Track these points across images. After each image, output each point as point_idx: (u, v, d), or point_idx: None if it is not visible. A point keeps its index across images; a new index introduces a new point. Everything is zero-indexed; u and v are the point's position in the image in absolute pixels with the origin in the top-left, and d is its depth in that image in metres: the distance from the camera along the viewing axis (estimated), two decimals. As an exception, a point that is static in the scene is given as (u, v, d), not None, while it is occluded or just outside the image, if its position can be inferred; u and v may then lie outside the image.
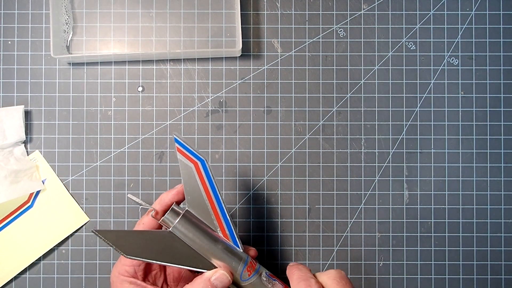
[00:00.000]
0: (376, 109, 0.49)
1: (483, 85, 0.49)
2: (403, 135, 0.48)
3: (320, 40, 0.49)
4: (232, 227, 0.37)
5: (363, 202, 0.48)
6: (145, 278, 0.37)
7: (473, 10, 0.49)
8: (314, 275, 0.34)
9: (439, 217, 0.48)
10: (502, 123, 0.49)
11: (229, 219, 0.37)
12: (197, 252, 0.35)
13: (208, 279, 0.34)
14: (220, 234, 0.36)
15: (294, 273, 0.34)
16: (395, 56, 0.49)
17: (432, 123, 0.48)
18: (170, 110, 0.48)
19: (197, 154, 0.36)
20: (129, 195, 0.37)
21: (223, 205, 0.37)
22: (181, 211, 0.36)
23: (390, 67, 0.49)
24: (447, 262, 0.48)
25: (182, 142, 0.36)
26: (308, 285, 0.32)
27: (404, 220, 0.48)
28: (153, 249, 0.34)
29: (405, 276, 0.48)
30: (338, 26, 0.49)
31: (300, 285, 0.32)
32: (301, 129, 0.48)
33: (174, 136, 0.36)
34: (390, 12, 0.49)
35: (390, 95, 0.49)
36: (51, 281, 0.47)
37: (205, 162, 0.36)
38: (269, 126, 0.48)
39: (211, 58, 0.48)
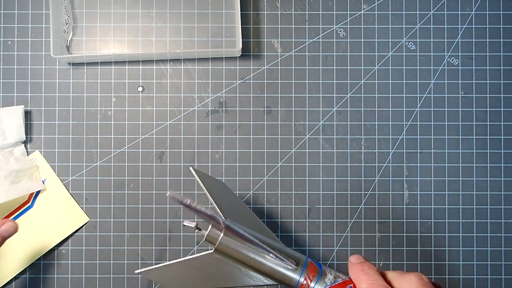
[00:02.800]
0: (376, 109, 0.49)
1: (483, 85, 0.49)
2: (403, 135, 0.48)
3: (320, 40, 0.49)
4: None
5: (363, 202, 0.48)
6: None
7: (473, 10, 0.49)
8: (384, 274, 0.31)
9: (439, 217, 0.48)
10: (502, 123, 0.49)
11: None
12: (246, 266, 0.33)
13: None
14: (267, 239, 0.33)
15: (362, 279, 0.30)
16: (395, 56, 0.49)
17: (432, 123, 0.48)
18: (170, 110, 0.48)
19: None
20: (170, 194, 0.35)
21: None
22: (222, 225, 0.33)
23: (390, 67, 0.49)
24: (447, 262, 0.48)
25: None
26: None
27: (404, 220, 0.48)
28: (198, 276, 0.33)
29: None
30: (338, 26, 0.49)
31: None
32: (301, 129, 0.48)
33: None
34: (390, 12, 0.49)
35: (390, 95, 0.49)
36: (51, 281, 0.47)
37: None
38: (269, 126, 0.48)
39: (211, 58, 0.48)
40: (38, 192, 0.47)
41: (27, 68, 0.48)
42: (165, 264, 0.33)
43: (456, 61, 0.49)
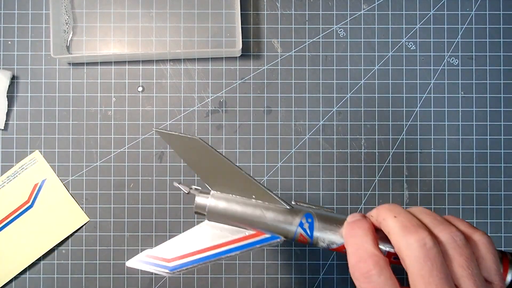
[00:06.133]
0: (376, 109, 0.49)
1: (483, 85, 0.49)
2: (403, 135, 0.48)
3: (320, 40, 0.49)
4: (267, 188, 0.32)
5: (363, 202, 0.48)
6: None
7: (473, 10, 0.49)
8: (385, 220, 0.27)
9: (439, 217, 0.48)
10: (502, 123, 0.49)
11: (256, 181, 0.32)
12: (242, 226, 0.32)
13: None
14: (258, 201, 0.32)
15: (348, 242, 0.28)
16: (395, 56, 0.49)
17: (432, 123, 0.48)
18: (170, 110, 0.48)
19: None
20: (175, 184, 0.33)
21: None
22: (209, 192, 0.32)
23: (390, 67, 0.49)
24: (447, 262, 0.48)
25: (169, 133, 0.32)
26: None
27: (404, 220, 0.48)
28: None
29: (405, 276, 0.48)
30: (338, 26, 0.49)
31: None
32: (301, 129, 0.48)
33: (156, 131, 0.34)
34: (390, 12, 0.49)
35: (390, 95, 0.49)
36: (51, 281, 0.47)
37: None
38: (269, 126, 0.48)
39: (211, 58, 0.48)
40: (38, 192, 0.47)
41: (27, 68, 0.48)
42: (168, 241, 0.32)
43: (456, 61, 0.49)
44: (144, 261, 0.31)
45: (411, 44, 0.49)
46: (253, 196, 0.32)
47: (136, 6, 0.49)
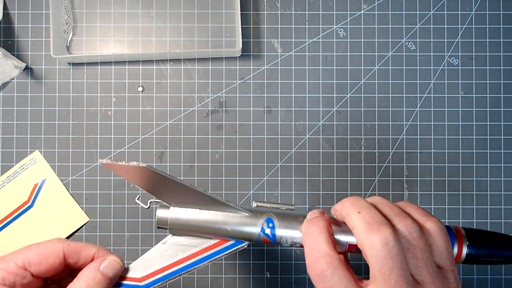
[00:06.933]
0: (376, 109, 0.49)
1: (483, 85, 0.49)
2: (403, 135, 0.48)
3: (320, 40, 0.49)
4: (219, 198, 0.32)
5: (363, 202, 0.48)
6: None
7: (473, 10, 0.49)
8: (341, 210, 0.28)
9: (439, 217, 0.48)
10: (502, 123, 0.49)
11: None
12: (207, 236, 0.32)
13: (97, 268, 0.29)
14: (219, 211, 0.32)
15: (305, 242, 0.28)
16: (395, 56, 0.49)
17: (432, 123, 0.48)
18: (170, 110, 0.48)
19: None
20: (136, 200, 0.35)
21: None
22: (166, 204, 0.33)
23: (390, 67, 0.49)
24: (447, 262, 0.48)
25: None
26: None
27: (404, 220, 0.48)
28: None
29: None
30: (338, 26, 0.49)
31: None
32: (301, 129, 0.48)
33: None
34: (390, 12, 0.49)
35: (390, 95, 0.49)
36: (51, 281, 0.47)
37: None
38: (269, 126, 0.48)
39: (211, 58, 0.48)
40: (38, 192, 0.47)
41: (27, 68, 0.48)
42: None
43: (456, 61, 0.49)
44: (116, 285, 0.31)
45: (411, 44, 0.49)
46: (213, 208, 0.32)
47: (136, 6, 0.49)
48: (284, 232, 0.31)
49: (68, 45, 0.48)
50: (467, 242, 0.29)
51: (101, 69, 0.48)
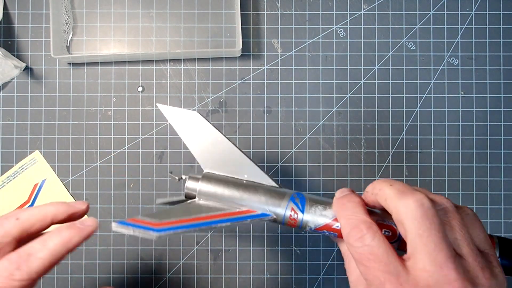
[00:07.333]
0: (376, 109, 0.49)
1: (483, 85, 0.49)
2: (403, 135, 0.48)
3: (320, 40, 0.49)
4: (259, 167, 0.33)
5: (363, 202, 0.48)
6: None
7: (473, 10, 0.49)
8: (381, 190, 0.27)
9: (439, 217, 0.48)
10: (502, 123, 0.49)
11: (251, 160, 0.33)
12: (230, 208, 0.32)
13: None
14: (251, 179, 0.33)
15: (340, 215, 0.28)
16: (395, 56, 0.49)
17: (432, 123, 0.48)
18: (170, 110, 0.48)
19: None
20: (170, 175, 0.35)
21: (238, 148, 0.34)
22: (199, 176, 0.33)
23: (390, 67, 0.49)
24: (447, 262, 0.48)
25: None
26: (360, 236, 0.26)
27: (404, 220, 0.48)
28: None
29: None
30: (338, 26, 0.49)
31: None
32: (301, 129, 0.48)
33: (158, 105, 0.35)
34: (390, 12, 0.49)
35: (390, 95, 0.49)
36: (51, 281, 0.47)
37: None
38: (269, 126, 0.48)
39: (211, 58, 0.48)
40: (38, 192, 0.47)
41: (27, 68, 0.48)
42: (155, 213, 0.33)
43: (456, 61, 0.49)
44: (130, 223, 0.30)
45: (411, 44, 0.49)
46: (245, 176, 0.33)
47: (136, 6, 0.49)
48: (313, 205, 0.31)
49: (68, 45, 0.48)
50: (499, 251, 0.27)
51: (101, 69, 0.48)
